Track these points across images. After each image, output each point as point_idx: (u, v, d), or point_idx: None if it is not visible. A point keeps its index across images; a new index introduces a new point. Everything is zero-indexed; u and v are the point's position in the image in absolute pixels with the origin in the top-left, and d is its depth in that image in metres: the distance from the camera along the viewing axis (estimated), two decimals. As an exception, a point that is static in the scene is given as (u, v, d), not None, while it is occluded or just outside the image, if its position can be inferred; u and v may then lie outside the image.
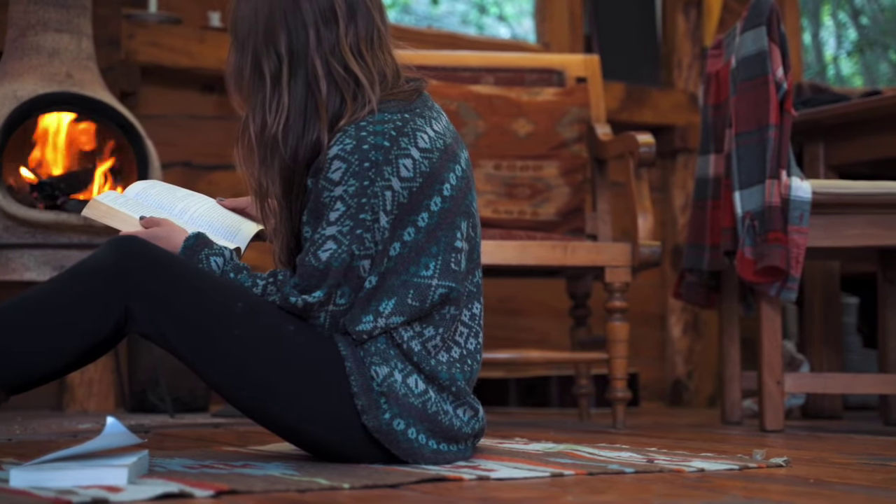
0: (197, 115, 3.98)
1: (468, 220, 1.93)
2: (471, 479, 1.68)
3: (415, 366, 1.84)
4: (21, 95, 3.15)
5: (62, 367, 1.82)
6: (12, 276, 3.15)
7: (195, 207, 2.00)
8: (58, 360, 1.78)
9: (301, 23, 1.85)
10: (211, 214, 1.99)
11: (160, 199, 1.99)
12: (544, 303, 4.40)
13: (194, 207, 2.00)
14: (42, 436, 2.58)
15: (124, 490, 1.48)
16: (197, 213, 1.99)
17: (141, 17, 3.78)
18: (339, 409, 1.81)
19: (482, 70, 3.40)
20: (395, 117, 1.85)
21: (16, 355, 1.74)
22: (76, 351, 1.78)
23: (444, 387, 1.86)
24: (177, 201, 2.00)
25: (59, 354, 1.77)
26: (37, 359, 1.76)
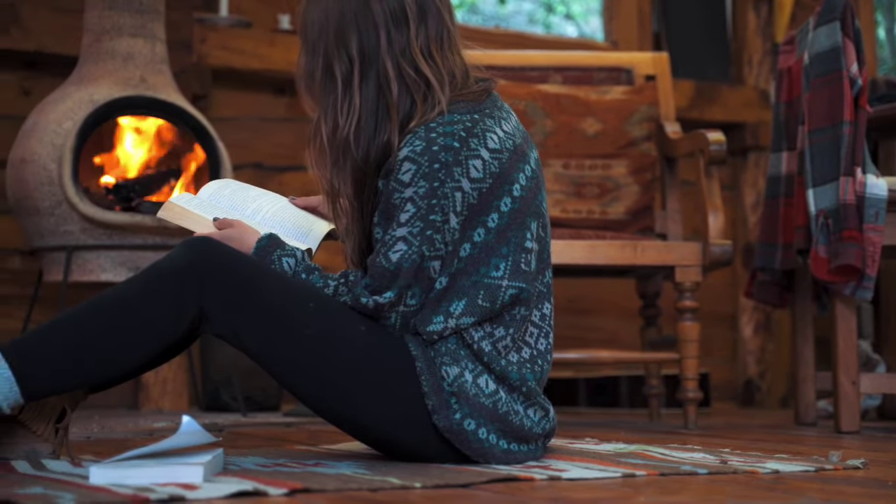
0: (267, 118, 4.02)
1: (538, 220, 1.92)
2: (542, 480, 1.67)
3: (485, 366, 1.84)
4: (97, 99, 3.21)
5: (139, 367, 1.85)
6: (89, 277, 3.21)
7: (267, 208, 2.02)
8: (134, 359, 1.80)
9: (372, 24, 1.86)
10: (282, 214, 2.01)
11: (233, 199, 2.01)
12: (614, 302, 4.38)
13: (266, 208, 2.02)
14: (119, 434, 2.63)
15: (200, 488, 1.50)
16: (269, 213, 2.01)
17: (212, 20, 3.83)
18: (409, 408, 1.81)
19: (550, 69, 3.39)
20: (464, 118, 1.85)
21: (94, 355, 1.77)
22: (152, 351, 1.80)
23: (514, 387, 1.86)
24: (249, 202, 2.02)
25: (136, 354, 1.80)
26: (114, 359, 1.78)
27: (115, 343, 1.77)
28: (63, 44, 3.54)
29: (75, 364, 1.75)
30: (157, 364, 1.92)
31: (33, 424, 1.84)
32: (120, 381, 1.91)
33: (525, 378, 1.87)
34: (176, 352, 1.91)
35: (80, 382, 1.80)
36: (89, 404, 2.26)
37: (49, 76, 3.59)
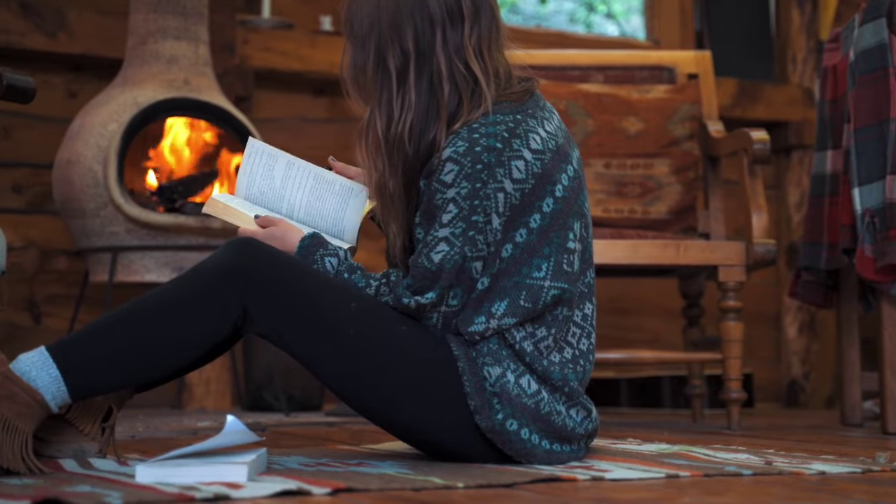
0: (308, 118, 4.04)
1: (581, 220, 1.92)
2: (585, 480, 1.67)
3: (527, 366, 1.84)
4: (141, 102, 3.24)
5: (184, 367, 1.86)
6: (134, 278, 3.24)
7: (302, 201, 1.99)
8: (179, 359, 1.82)
9: (428, 20, 1.85)
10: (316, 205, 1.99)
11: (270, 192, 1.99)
12: (655, 302, 4.36)
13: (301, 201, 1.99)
14: (163, 433, 2.65)
15: (245, 487, 1.51)
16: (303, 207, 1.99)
17: (255, 23, 3.85)
18: (452, 409, 1.82)
19: (591, 68, 3.38)
20: (507, 119, 1.85)
21: (139, 355, 1.78)
22: (196, 351, 1.81)
23: (556, 387, 1.85)
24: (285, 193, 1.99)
25: (181, 354, 1.81)
26: (159, 358, 1.80)
27: (161, 343, 1.78)
28: (108, 47, 3.58)
29: (122, 364, 1.77)
30: (201, 364, 1.93)
31: (80, 423, 1.87)
32: (165, 381, 1.92)
33: (567, 378, 1.86)
34: (220, 352, 1.92)
35: (125, 382, 1.81)
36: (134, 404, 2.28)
37: (94, 79, 3.63)
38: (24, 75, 2.29)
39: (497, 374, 1.81)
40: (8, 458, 1.67)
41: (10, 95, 2.26)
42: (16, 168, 3.53)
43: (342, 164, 2.05)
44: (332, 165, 2.04)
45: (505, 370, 1.82)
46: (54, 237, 3.60)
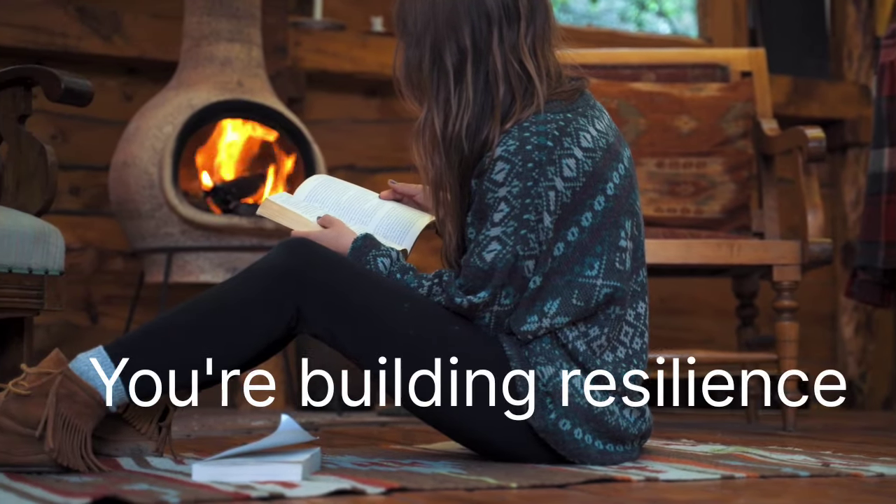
0: (360, 119, 4.06)
1: (632, 218, 1.91)
2: (639, 480, 1.66)
3: (580, 366, 1.83)
4: (195, 104, 3.27)
5: (238, 366, 1.88)
6: (188, 278, 3.27)
7: (363, 207, 2.03)
8: (233, 359, 1.83)
9: (486, 18, 1.85)
10: (378, 212, 2.02)
11: (329, 199, 2.03)
12: (708, 302, 4.32)
13: (362, 207, 2.03)
14: (217, 432, 2.68)
15: (299, 486, 1.52)
16: (365, 213, 2.02)
17: (307, 24, 3.88)
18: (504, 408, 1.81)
19: (643, 67, 3.36)
20: (557, 117, 1.84)
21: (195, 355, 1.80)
22: (251, 351, 1.83)
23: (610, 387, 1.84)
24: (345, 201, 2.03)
25: (235, 354, 1.82)
26: (214, 358, 1.82)
27: (216, 343, 1.80)
28: (163, 50, 3.62)
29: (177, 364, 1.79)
30: (256, 363, 1.94)
31: (138, 422, 1.89)
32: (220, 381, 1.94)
33: (620, 378, 1.85)
34: (274, 351, 1.93)
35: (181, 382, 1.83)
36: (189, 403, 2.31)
37: (149, 81, 3.67)
38: (81, 79, 2.33)
39: (550, 374, 1.81)
40: (68, 456, 1.70)
41: (67, 99, 2.30)
42: (73, 170, 3.58)
43: (402, 184, 2.06)
44: (392, 187, 2.06)
45: (558, 370, 1.81)
46: (111, 238, 3.64)
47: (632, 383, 1.88)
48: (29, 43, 3.49)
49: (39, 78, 2.31)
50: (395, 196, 2.06)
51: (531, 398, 1.80)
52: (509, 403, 1.81)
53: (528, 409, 1.80)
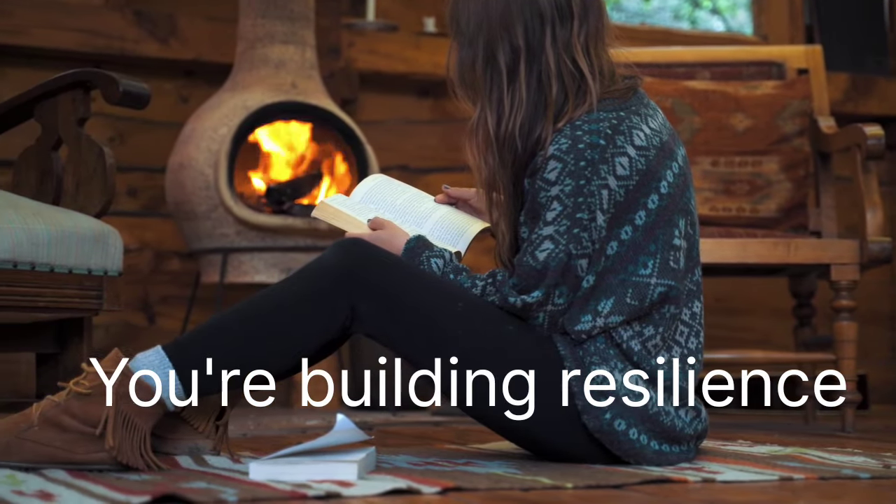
0: (413, 120, 4.07)
1: (686, 217, 1.90)
2: (696, 481, 1.65)
3: (635, 366, 1.82)
4: (250, 105, 3.30)
5: (293, 366, 1.89)
6: (244, 279, 3.30)
7: (418, 210, 2.03)
8: (289, 359, 1.84)
9: (538, 17, 1.85)
10: (433, 215, 2.03)
11: (384, 201, 2.04)
12: (764, 302, 4.28)
13: (417, 210, 2.03)
14: (273, 431, 2.70)
15: (355, 485, 1.53)
16: (419, 216, 2.02)
17: (360, 25, 3.90)
18: (558, 408, 1.81)
19: (697, 65, 3.34)
20: (610, 115, 1.84)
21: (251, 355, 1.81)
22: (306, 350, 1.84)
23: (665, 387, 1.83)
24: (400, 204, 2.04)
25: (290, 353, 1.83)
26: (270, 358, 1.83)
27: (271, 343, 1.81)
28: (218, 52, 3.66)
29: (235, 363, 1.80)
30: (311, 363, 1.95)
31: (195, 421, 1.91)
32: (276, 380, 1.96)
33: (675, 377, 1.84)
34: (329, 351, 1.94)
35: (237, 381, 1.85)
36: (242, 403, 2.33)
37: (205, 84, 3.71)
38: (138, 82, 2.36)
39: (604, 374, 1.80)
40: (128, 454, 1.72)
41: (125, 101, 2.33)
42: (130, 172, 3.63)
43: (456, 188, 2.06)
44: (446, 192, 2.06)
45: (612, 369, 1.81)
46: (167, 239, 3.69)
47: (686, 384, 1.87)
48: (87, 47, 3.54)
49: (98, 81, 2.34)
50: (450, 200, 2.07)
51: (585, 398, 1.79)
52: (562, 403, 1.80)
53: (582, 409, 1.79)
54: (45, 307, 2.17)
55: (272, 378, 1.91)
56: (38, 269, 2.15)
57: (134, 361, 1.77)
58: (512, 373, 1.81)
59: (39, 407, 1.74)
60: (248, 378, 1.85)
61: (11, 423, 1.73)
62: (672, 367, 1.85)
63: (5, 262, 2.10)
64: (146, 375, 1.76)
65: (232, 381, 1.83)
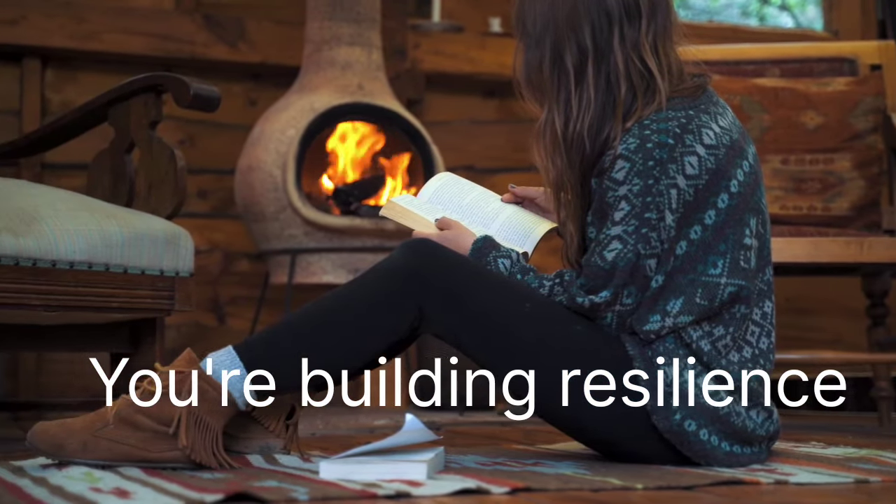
0: (478, 120, 4.07)
1: (757, 216, 1.87)
2: (768, 483, 1.63)
3: (705, 366, 1.81)
4: (317, 107, 3.33)
5: (362, 366, 1.90)
6: (312, 279, 3.33)
7: (485, 210, 2.03)
8: (358, 359, 1.85)
9: (606, 16, 1.84)
10: (500, 215, 2.03)
11: (451, 201, 2.04)
12: (836, 301, 4.21)
13: (484, 210, 2.03)
14: (341, 430, 2.71)
15: (424, 485, 1.53)
16: (486, 216, 2.02)
17: (425, 26, 3.91)
18: (627, 409, 1.80)
19: (767, 62, 3.30)
20: (679, 114, 1.82)
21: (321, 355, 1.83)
22: (375, 350, 1.85)
23: (736, 387, 1.82)
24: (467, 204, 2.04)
25: (360, 354, 1.85)
26: (339, 358, 1.84)
27: (341, 343, 1.82)
28: (286, 55, 3.69)
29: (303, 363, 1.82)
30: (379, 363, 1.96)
31: (266, 420, 1.93)
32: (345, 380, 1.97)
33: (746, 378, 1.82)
34: (397, 351, 1.95)
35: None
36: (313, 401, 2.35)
37: (273, 86, 3.75)
38: (208, 85, 2.39)
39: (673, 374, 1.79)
40: (200, 453, 1.74)
41: (196, 105, 2.36)
42: (201, 174, 3.68)
43: (523, 188, 2.06)
44: (512, 191, 2.05)
45: (682, 369, 1.79)
46: (237, 240, 3.73)
47: (759, 384, 1.85)
48: (158, 51, 3.59)
49: (169, 85, 2.37)
50: (516, 200, 2.06)
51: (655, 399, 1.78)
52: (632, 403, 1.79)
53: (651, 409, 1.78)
54: (119, 307, 2.21)
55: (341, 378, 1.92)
56: (112, 269, 2.18)
57: (205, 361, 1.79)
58: (579, 373, 1.80)
59: (115, 406, 1.77)
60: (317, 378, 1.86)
61: (88, 421, 1.76)
62: (743, 367, 1.83)
63: (81, 262, 2.14)
64: (218, 375, 1.78)
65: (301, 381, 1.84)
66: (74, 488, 1.50)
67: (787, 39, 4.33)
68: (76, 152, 3.04)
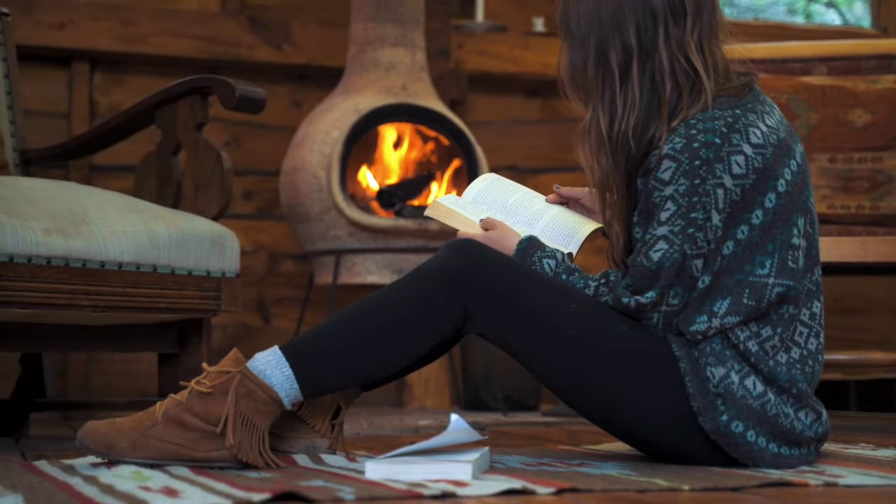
0: (521, 120, 4.06)
1: (805, 216, 1.86)
2: (817, 485, 1.61)
3: (752, 367, 1.79)
4: (361, 108, 3.34)
5: (407, 367, 1.91)
6: (356, 280, 3.34)
7: (529, 210, 2.03)
8: (403, 359, 1.86)
9: (651, 16, 1.83)
10: (545, 215, 2.02)
11: (496, 201, 2.04)
12: (885, 301, 4.17)
13: (528, 210, 2.03)
14: (386, 430, 2.72)
15: (470, 485, 1.53)
16: (531, 216, 2.02)
17: (469, 27, 3.91)
18: (674, 409, 1.79)
19: (814, 60, 3.27)
20: (725, 113, 1.81)
21: (366, 355, 1.84)
22: (420, 351, 1.85)
23: (784, 388, 1.80)
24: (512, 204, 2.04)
25: (405, 354, 1.85)
26: (385, 358, 1.85)
27: (386, 343, 1.83)
28: (330, 56, 3.71)
29: (349, 363, 1.83)
30: (424, 364, 1.97)
31: (311, 420, 1.94)
32: (390, 380, 1.98)
33: (795, 379, 1.81)
34: (442, 352, 1.96)
35: (353, 381, 1.87)
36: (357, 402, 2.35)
37: (317, 88, 3.77)
38: (254, 87, 2.40)
39: (721, 375, 1.78)
40: (247, 452, 1.76)
41: (242, 106, 2.38)
42: (246, 175, 3.70)
43: (567, 188, 2.05)
44: (557, 192, 2.05)
45: (729, 370, 1.78)
46: (282, 241, 3.75)
47: (807, 385, 1.83)
48: (204, 53, 3.62)
49: (216, 87, 2.39)
50: (561, 200, 2.06)
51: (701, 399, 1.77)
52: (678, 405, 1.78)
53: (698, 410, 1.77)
54: (167, 308, 2.23)
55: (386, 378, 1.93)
56: (159, 270, 2.21)
57: (252, 361, 1.81)
58: (625, 374, 1.80)
59: (163, 405, 1.79)
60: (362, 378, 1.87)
61: (137, 420, 1.78)
62: (791, 368, 1.81)
63: (129, 263, 2.16)
64: (264, 375, 1.79)
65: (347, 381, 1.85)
66: (124, 487, 1.52)
67: (834, 37, 4.29)
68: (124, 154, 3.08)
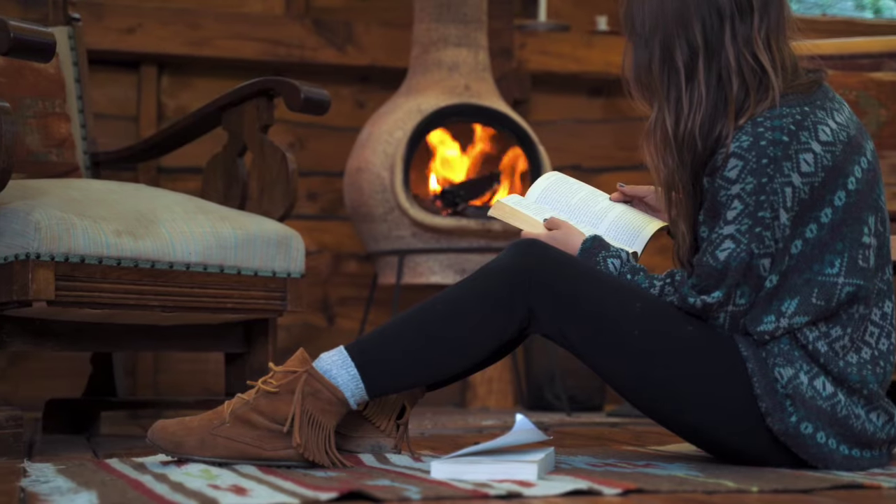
0: (584, 119, 4.05)
1: (876, 214, 1.83)
2: (891, 488, 1.59)
3: (822, 367, 1.77)
4: (424, 109, 3.35)
5: (471, 367, 1.91)
6: (419, 280, 3.35)
7: (593, 209, 2.02)
8: (467, 359, 1.86)
9: (717, 13, 1.81)
10: (609, 214, 2.01)
11: (560, 201, 2.03)
12: (958, 301, 4.08)
13: (592, 209, 2.02)
14: (449, 430, 2.73)
15: (535, 485, 1.53)
16: (595, 215, 2.01)
17: (531, 26, 3.90)
18: (741, 410, 1.77)
19: (884, 55, 3.21)
20: (793, 111, 1.79)
21: (431, 355, 1.84)
22: (485, 351, 1.86)
23: (854, 389, 1.77)
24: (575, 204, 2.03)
25: (469, 354, 1.85)
26: (450, 358, 1.85)
27: (451, 343, 1.83)
28: (393, 57, 3.72)
29: (414, 363, 1.83)
30: (488, 364, 1.97)
31: (377, 420, 1.95)
32: (454, 380, 1.98)
33: (866, 380, 1.78)
34: (506, 352, 1.96)
35: (418, 381, 1.88)
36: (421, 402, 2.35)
37: (380, 89, 3.78)
38: (318, 88, 2.42)
39: (789, 376, 1.75)
40: (313, 451, 1.77)
41: (307, 108, 2.40)
42: (310, 176, 3.73)
43: (632, 187, 2.04)
44: (621, 190, 2.04)
45: (798, 371, 1.76)
46: (345, 242, 3.77)
47: (878, 386, 1.80)
48: (270, 56, 3.66)
49: (281, 89, 2.41)
50: (625, 198, 2.05)
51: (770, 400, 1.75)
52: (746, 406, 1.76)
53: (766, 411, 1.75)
54: (233, 308, 2.26)
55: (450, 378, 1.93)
56: (226, 271, 2.23)
57: (318, 361, 1.82)
58: (692, 374, 1.78)
59: (230, 404, 1.81)
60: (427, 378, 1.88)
61: (205, 419, 1.81)
62: (862, 368, 1.78)
63: (196, 264, 2.19)
64: (330, 375, 1.80)
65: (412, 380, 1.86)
66: (193, 485, 1.54)
67: (904, 32, 4.21)
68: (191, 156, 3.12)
